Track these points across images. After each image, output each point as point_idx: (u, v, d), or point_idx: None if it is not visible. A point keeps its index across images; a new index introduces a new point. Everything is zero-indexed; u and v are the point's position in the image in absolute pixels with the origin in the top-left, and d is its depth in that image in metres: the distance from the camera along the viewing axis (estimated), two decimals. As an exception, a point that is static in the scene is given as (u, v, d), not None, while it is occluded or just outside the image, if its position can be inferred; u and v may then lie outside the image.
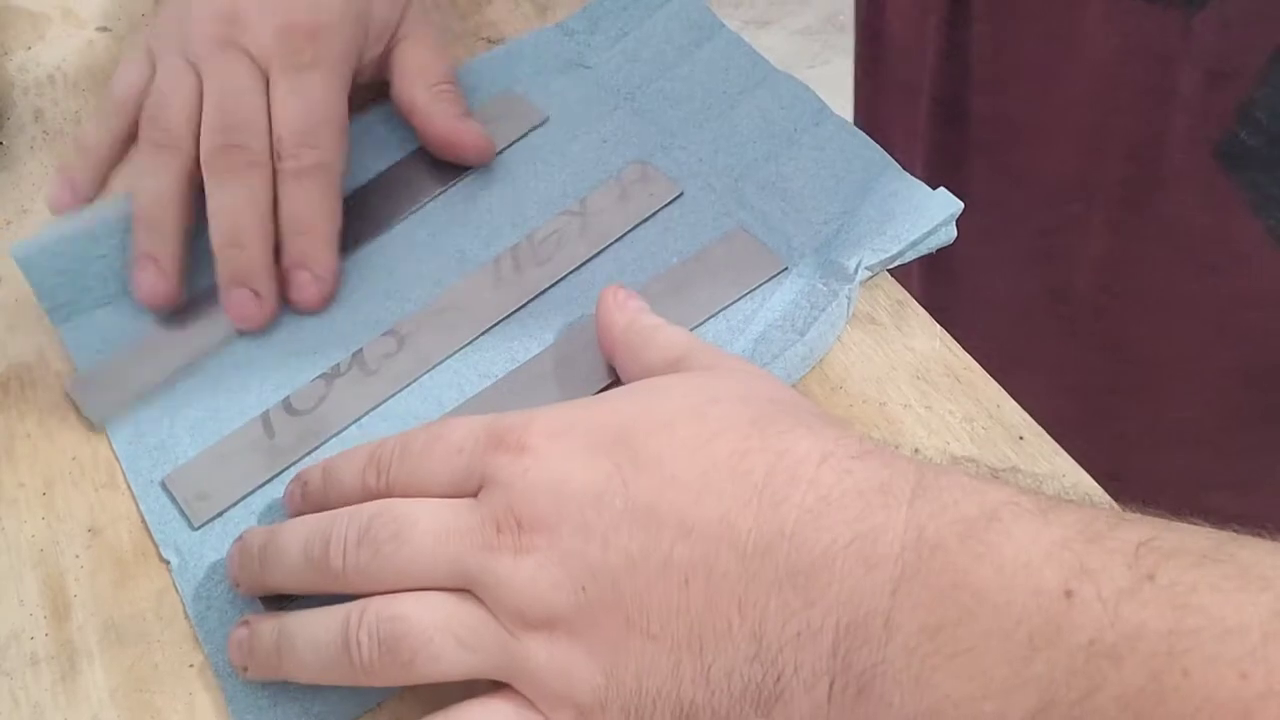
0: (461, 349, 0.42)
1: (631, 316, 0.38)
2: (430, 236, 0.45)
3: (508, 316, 0.43)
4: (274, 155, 0.43)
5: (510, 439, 0.32)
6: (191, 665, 0.35)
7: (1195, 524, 0.27)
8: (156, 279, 0.43)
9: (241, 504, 0.39)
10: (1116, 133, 0.51)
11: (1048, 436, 0.38)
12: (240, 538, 0.36)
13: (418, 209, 0.46)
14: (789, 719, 0.28)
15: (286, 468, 0.39)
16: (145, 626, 0.36)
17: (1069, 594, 0.26)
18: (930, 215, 0.42)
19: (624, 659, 0.29)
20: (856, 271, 0.41)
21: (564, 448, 0.32)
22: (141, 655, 0.36)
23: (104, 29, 0.57)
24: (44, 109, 0.53)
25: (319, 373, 0.42)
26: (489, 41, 0.53)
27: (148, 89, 0.45)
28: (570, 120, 0.48)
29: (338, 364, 0.42)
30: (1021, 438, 0.38)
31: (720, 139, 0.46)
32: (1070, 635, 0.25)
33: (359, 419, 0.41)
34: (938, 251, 0.43)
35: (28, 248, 0.44)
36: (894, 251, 0.41)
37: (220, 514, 0.38)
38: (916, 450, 0.38)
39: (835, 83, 0.66)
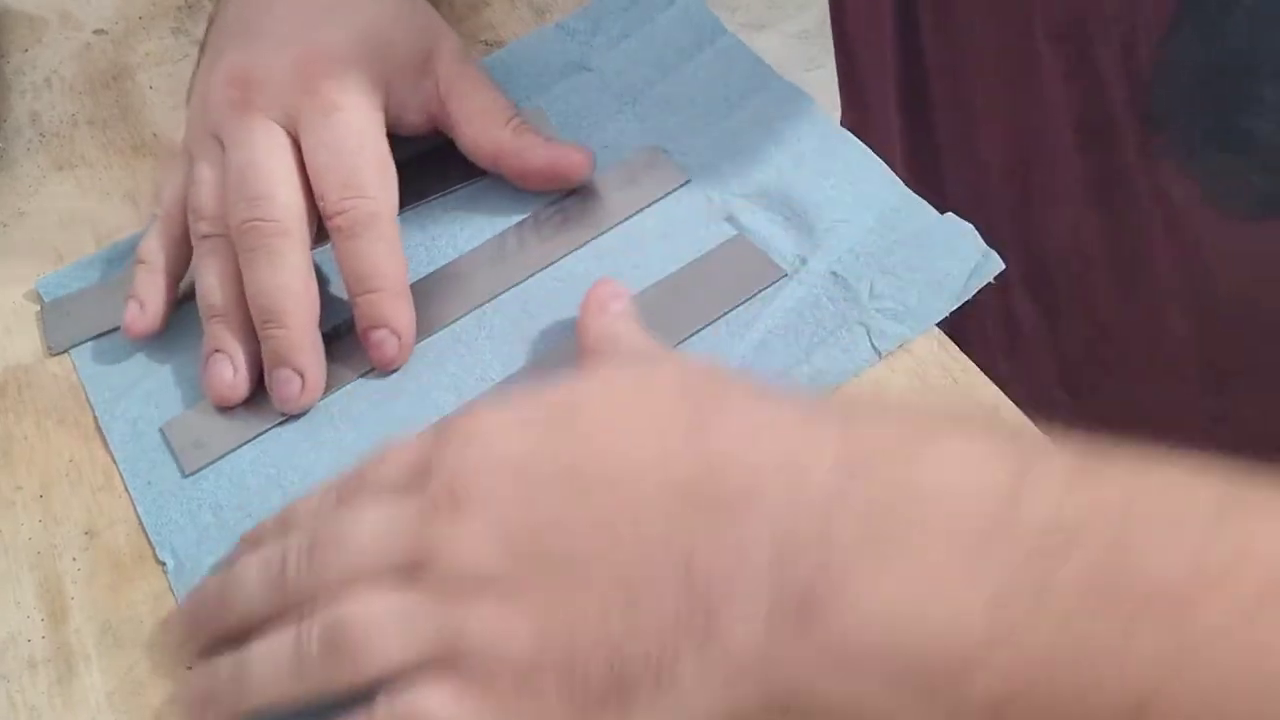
0: (459, 319, 0.43)
1: (604, 325, 0.38)
2: (432, 225, 0.46)
3: (508, 290, 0.43)
4: (322, 213, 0.41)
5: (454, 428, 0.32)
6: (189, 667, 0.35)
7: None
8: (233, 376, 0.41)
9: (233, 455, 0.40)
10: (1061, 104, 0.51)
11: (1046, 439, 0.38)
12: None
13: (421, 204, 0.46)
14: (727, 651, 0.27)
15: (283, 420, 0.41)
16: (143, 629, 0.36)
17: (1016, 484, 0.27)
18: (948, 247, 0.41)
19: (555, 613, 0.29)
20: (869, 298, 0.41)
21: (500, 422, 0.32)
22: (139, 658, 0.36)
23: (101, 32, 0.57)
24: (41, 112, 0.53)
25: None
26: (487, 44, 0.53)
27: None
28: (572, 126, 0.48)
29: (336, 326, 0.42)
30: (1020, 441, 0.38)
31: (720, 144, 0.46)
32: (1023, 524, 0.26)
33: (353, 381, 0.41)
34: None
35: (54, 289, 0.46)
36: (904, 276, 0.41)
37: (212, 462, 0.40)
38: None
39: (831, 87, 0.66)
